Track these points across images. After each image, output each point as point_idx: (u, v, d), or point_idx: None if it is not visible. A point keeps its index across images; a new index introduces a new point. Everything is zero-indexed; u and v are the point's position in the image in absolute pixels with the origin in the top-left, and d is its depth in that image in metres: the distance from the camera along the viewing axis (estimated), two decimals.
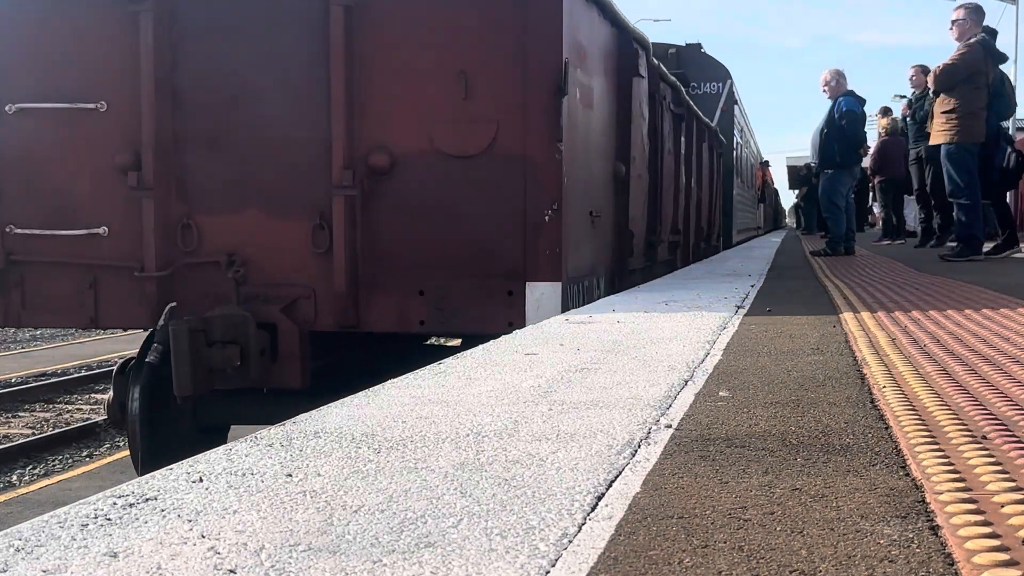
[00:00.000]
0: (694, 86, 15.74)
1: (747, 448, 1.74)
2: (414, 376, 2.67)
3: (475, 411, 2.13)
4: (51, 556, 1.23)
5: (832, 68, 10.59)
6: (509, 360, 2.93)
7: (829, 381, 2.45)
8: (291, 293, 5.39)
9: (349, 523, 1.34)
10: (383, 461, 1.69)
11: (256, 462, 1.70)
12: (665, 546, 1.22)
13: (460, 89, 5.18)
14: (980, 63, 8.36)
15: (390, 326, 5.44)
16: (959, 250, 8.56)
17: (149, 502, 1.46)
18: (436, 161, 5.25)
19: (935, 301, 4.61)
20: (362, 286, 5.37)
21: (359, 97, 5.30)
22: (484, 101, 5.20)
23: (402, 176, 5.31)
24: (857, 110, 10.20)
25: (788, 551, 1.19)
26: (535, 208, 5.17)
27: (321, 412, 2.17)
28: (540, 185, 5.15)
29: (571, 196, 5.40)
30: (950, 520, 1.28)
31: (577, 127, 5.65)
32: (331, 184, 5.28)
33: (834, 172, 10.33)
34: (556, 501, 1.43)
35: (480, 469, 1.62)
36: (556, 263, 5.18)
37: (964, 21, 8.51)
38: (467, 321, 5.26)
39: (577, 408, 2.14)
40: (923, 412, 1.99)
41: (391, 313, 5.37)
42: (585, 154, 5.98)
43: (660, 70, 8.88)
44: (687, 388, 2.38)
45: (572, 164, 5.43)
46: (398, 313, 5.36)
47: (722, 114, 17.10)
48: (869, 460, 1.64)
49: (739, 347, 3.13)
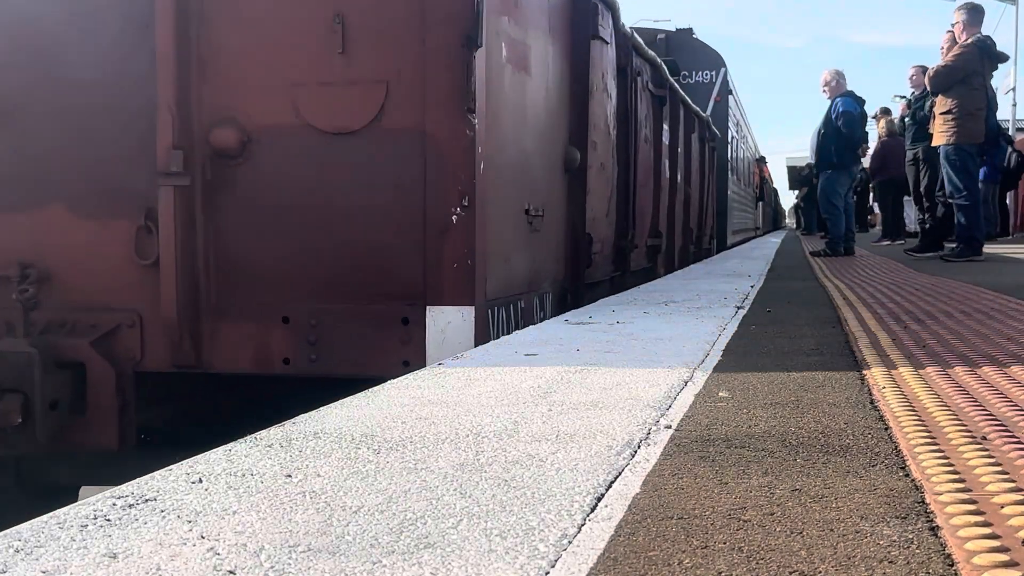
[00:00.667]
0: (685, 75, 14.66)
1: (747, 449, 1.74)
2: (413, 376, 2.67)
3: (475, 412, 2.13)
4: (50, 557, 1.23)
5: (831, 68, 10.61)
6: (509, 360, 2.93)
7: (829, 382, 2.45)
8: (107, 321, 4.01)
9: (349, 524, 1.34)
10: (382, 462, 1.69)
11: (255, 463, 1.70)
12: (665, 547, 1.22)
13: (336, 40, 3.86)
14: (976, 64, 8.37)
15: (244, 365, 4.01)
16: (959, 251, 8.57)
17: (148, 503, 1.46)
18: (304, 139, 3.92)
19: (935, 302, 4.61)
20: (205, 311, 4.01)
21: (197, 51, 3.96)
22: (368, 56, 3.87)
23: (258, 160, 3.97)
24: (855, 111, 10.20)
25: (788, 552, 1.19)
26: (439, 204, 3.82)
27: (320, 413, 2.17)
28: (445, 172, 3.82)
29: (493, 187, 4.12)
30: (950, 521, 1.28)
31: (504, 96, 4.39)
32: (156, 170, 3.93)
33: (832, 173, 10.34)
34: (556, 502, 1.43)
35: (480, 470, 1.62)
36: (468, 280, 3.83)
37: (960, 23, 8.53)
38: (347, 359, 3.90)
39: (577, 409, 2.14)
40: (923, 413, 1.99)
41: (245, 349, 4.00)
42: (518, 133, 4.68)
43: (635, 41, 7.52)
44: (687, 389, 2.38)
45: (495, 145, 4.19)
46: (255, 349, 3.99)
47: (715, 105, 15.75)
48: (869, 461, 1.64)
49: (739, 348, 3.13)
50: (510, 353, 3.09)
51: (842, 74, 10.52)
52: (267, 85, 3.95)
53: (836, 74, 10.47)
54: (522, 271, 4.78)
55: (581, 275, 5.85)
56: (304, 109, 3.92)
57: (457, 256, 3.83)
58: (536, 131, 5.04)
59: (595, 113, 6.06)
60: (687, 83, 14.56)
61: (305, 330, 3.94)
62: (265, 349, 3.99)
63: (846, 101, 10.16)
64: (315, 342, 3.93)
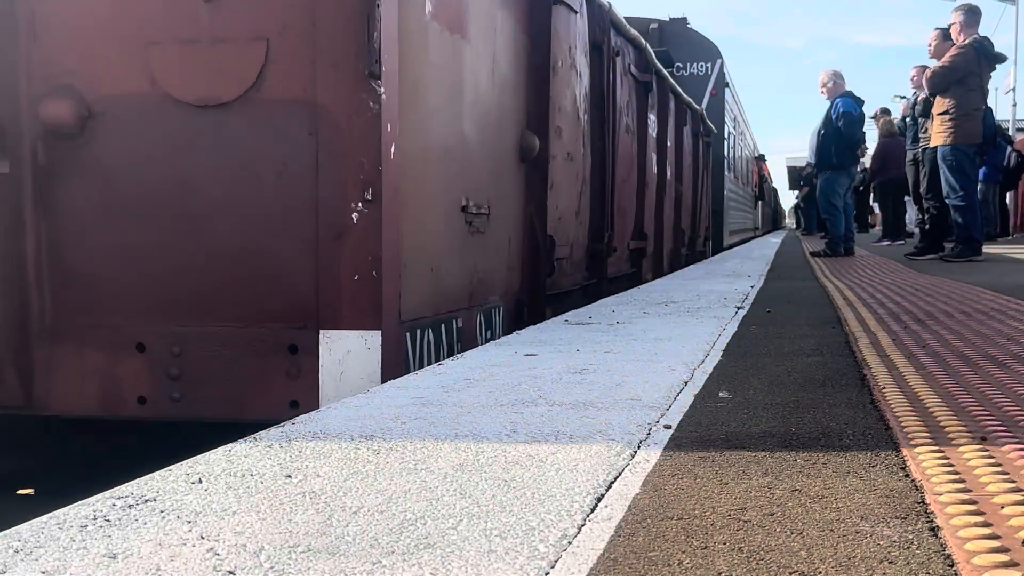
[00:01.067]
0: (679, 66, 14.02)
1: (747, 449, 1.74)
2: (413, 377, 2.67)
3: (474, 412, 2.13)
4: (50, 557, 1.23)
5: (829, 69, 10.62)
6: (508, 360, 2.93)
7: (829, 382, 2.45)
8: None
9: (348, 524, 1.34)
10: (382, 462, 1.69)
11: (255, 463, 1.70)
12: (665, 547, 1.22)
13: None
14: (973, 64, 8.38)
15: (87, 406, 3.17)
16: (959, 251, 8.58)
17: (148, 503, 1.46)
18: (161, 113, 3.12)
19: (935, 302, 4.61)
20: (37, 337, 3.18)
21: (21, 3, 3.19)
22: (242, 6, 3.08)
23: (102, 140, 3.17)
24: (855, 111, 10.21)
25: (788, 552, 1.19)
26: (334, 198, 3.03)
27: (320, 413, 2.17)
28: (342, 156, 3.02)
29: (412, 178, 3.31)
30: (950, 521, 1.28)
31: (428, 62, 3.52)
32: None
33: (831, 173, 10.35)
34: (555, 502, 1.43)
35: (479, 470, 1.62)
36: (373, 296, 3.02)
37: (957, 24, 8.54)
38: (218, 398, 3.10)
39: (576, 409, 2.14)
40: (923, 413, 1.99)
41: (89, 384, 3.16)
42: (451, 110, 3.80)
43: (614, 16, 6.51)
44: (687, 389, 2.38)
45: (416, 123, 3.37)
46: (101, 384, 3.16)
47: (711, 98, 14.95)
48: (869, 461, 1.64)
49: (739, 348, 3.13)
50: (510, 353, 3.09)
51: (840, 75, 10.53)
52: (113, 44, 3.13)
53: (833, 75, 10.48)
54: (458, 283, 3.89)
55: (542, 285, 4.92)
56: (160, 75, 3.11)
57: (359, 266, 3.00)
58: (479, 110, 4.13)
59: (560, 94, 5.19)
60: (681, 75, 13.96)
61: (165, 361, 3.12)
62: (114, 384, 3.14)
63: (846, 102, 10.17)
64: (178, 376, 3.12)
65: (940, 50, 8.81)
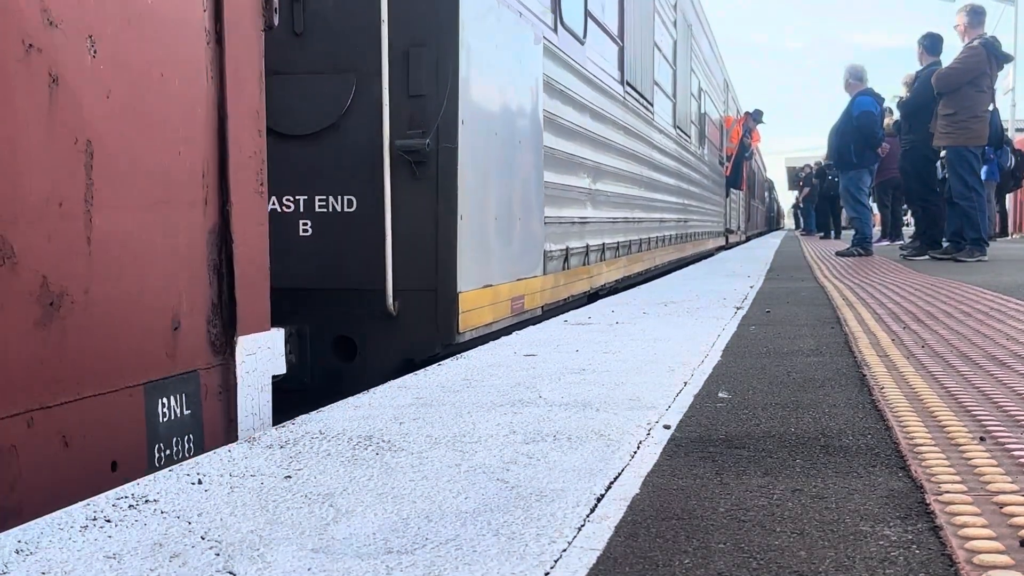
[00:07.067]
0: None
1: (746, 449, 1.74)
2: (413, 377, 2.67)
3: (473, 412, 2.13)
4: (51, 557, 1.23)
5: (850, 65, 10.52)
6: (508, 361, 2.93)
7: (829, 382, 2.45)
8: None
9: (348, 524, 1.34)
10: (382, 462, 1.69)
11: (255, 464, 1.70)
12: (665, 547, 1.22)
13: None
14: (984, 65, 8.33)
15: None
16: (967, 251, 8.54)
17: (149, 503, 1.46)
18: None
19: (935, 302, 4.61)
20: None
21: None
22: None
23: None
24: (875, 110, 10.09)
25: (788, 552, 1.19)
26: None
27: (320, 414, 2.17)
28: None
29: None
30: (950, 521, 1.28)
31: None
32: None
33: (854, 172, 10.24)
34: (555, 503, 1.43)
35: (479, 470, 1.62)
36: None
37: (962, 25, 8.52)
38: None
39: (576, 409, 2.14)
40: (923, 413, 1.99)
41: None
42: None
43: None
44: (686, 389, 2.38)
45: None
46: None
47: None
48: (869, 461, 1.64)
49: (738, 348, 3.13)
50: (509, 354, 3.09)
51: (859, 71, 10.35)
52: None
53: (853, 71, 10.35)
54: None
55: None
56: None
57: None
58: None
59: None
60: None
61: None
62: None
63: (867, 100, 10.04)
64: None
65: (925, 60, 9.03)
